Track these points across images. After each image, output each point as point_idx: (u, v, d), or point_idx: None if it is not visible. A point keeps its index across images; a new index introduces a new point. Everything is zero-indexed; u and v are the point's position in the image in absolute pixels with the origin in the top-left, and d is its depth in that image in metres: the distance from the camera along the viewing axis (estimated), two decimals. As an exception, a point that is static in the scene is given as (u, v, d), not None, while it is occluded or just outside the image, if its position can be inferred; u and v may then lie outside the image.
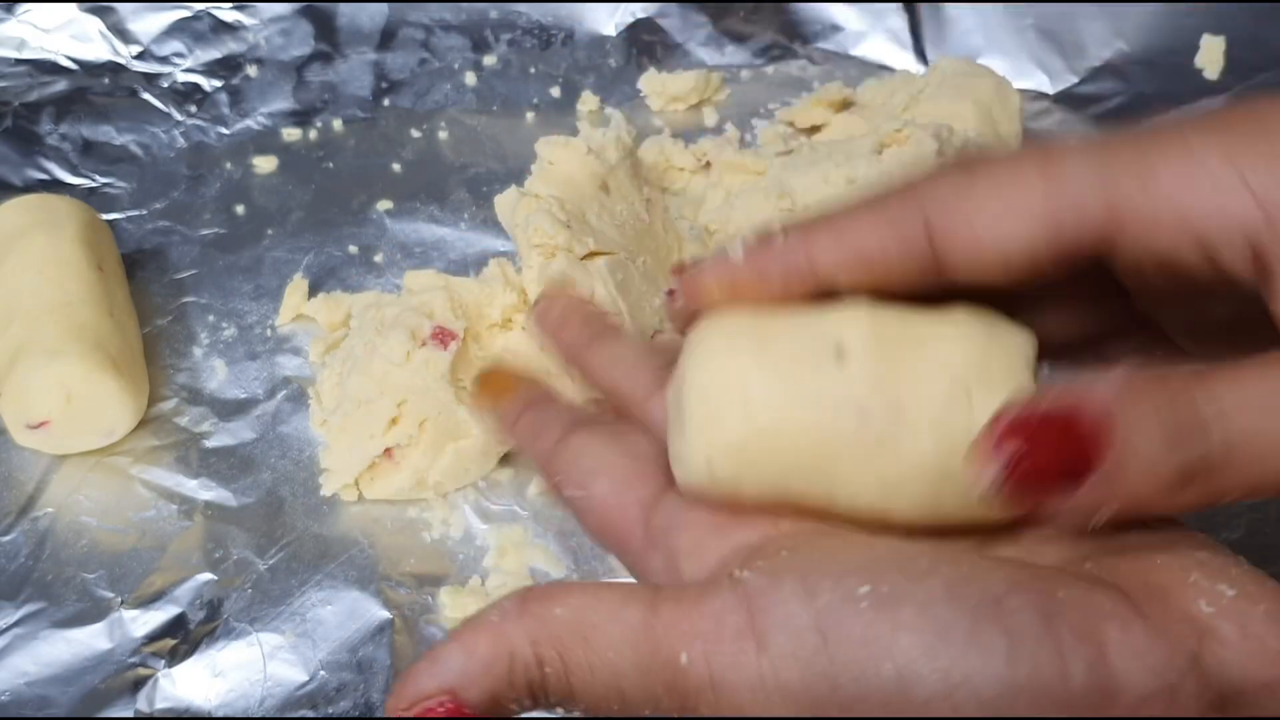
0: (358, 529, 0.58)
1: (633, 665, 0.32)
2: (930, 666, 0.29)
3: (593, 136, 0.62)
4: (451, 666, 0.34)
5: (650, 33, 0.80)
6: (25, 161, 0.74)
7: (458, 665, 0.34)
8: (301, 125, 0.76)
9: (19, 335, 0.58)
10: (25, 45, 0.79)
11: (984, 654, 0.29)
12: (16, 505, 0.59)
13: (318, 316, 0.65)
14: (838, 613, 0.30)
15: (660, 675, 0.32)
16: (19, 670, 0.53)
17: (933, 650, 0.29)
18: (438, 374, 0.57)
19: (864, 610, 0.30)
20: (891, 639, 0.30)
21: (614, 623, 0.32)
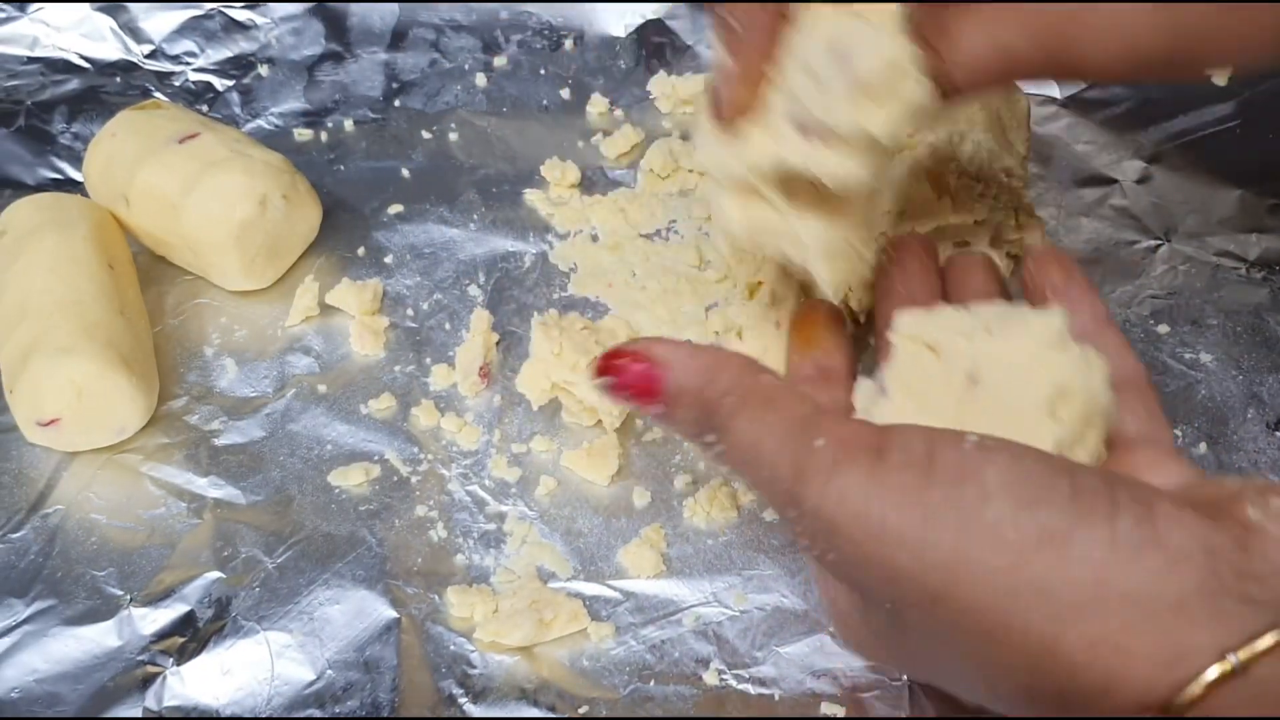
0: (366, 528, 0.58)
1: (781, 433, 0.40)
2: (1006, 493, 0.36)
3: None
4: (671, 349, 0.43)
5: (660, 34, 0.80)
6: (37, 160, 0.75)
7: (678, 351, 0.43)
8: (312, 126, 0.76)
9: (30, 333, 0.58)
10: (37, 44, 0.79)
11: (1052, 493, 0.36)
12: (27, 502, 0.59)
13: (345, 305, 0.66)
14: (946, 444, 0.38)
15: (794, 448, 0.39)
16: (29, 667, 0.54)
17: (1010, 483, 0.36)
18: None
19: (968, 449, 0.37)
20: (981, 467, 0.37)
21: (790, 404, 0.41)
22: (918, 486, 0.37)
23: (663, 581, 0.56)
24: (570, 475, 0.60)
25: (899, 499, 0.37)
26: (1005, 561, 0.35)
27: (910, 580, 0.37)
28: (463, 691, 0.53)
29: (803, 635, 0.54)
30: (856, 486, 0.37)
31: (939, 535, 0.36)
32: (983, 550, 0.36)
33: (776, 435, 0.40)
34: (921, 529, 0.36)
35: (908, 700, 0.51)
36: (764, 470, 0.40)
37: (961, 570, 0.36)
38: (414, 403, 0.62)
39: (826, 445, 0.39)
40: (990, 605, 0.36)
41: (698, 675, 0.53)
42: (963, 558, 0.36)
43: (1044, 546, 0.35)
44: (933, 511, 0.36)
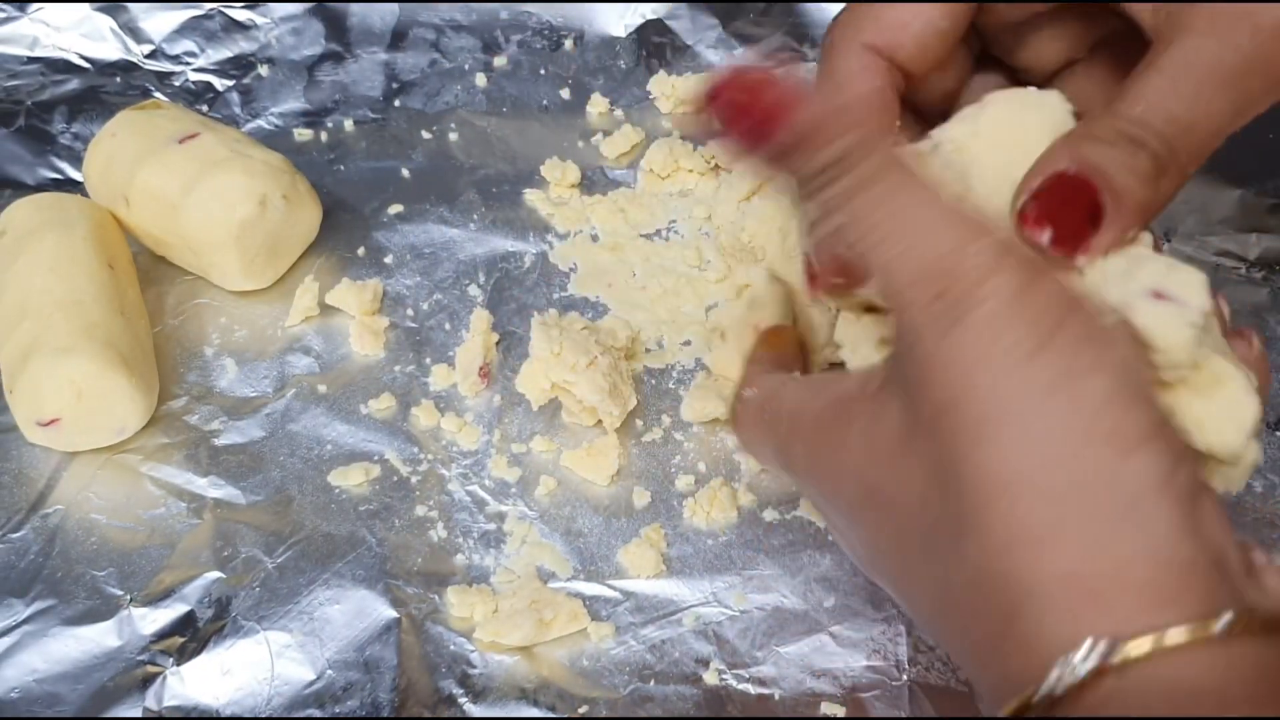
0: (366, 528, 0.58)
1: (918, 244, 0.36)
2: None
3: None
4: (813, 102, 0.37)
5: (660, 34, 0.80)
6: (37, 160, 0.75)
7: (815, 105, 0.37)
8: (313, 126, 0.76)
9: (30, 333, 0.58)
10: (37, 44, 0.79)
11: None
12: (27, 502, 0.59)
13: (345, 305, 0.66)
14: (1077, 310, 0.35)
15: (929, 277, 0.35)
16: (29, 667, 0.54)
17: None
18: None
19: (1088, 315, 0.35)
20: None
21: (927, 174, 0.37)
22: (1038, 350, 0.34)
23: (663, 581, 0.56)
24: (570, 475, 0.60)
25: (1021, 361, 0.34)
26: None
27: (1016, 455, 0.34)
28: (463, 691, 0.53)
29: (803, 635, 0.54)
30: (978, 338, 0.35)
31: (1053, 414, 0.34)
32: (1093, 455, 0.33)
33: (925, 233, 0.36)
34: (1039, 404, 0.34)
35: (908, 700, 0.51)
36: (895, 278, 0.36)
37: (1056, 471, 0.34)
38: (414, 403, 0.62)
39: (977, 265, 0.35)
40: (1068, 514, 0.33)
41: (698, 675, 0.53)
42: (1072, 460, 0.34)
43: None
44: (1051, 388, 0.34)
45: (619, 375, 0.60)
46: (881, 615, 0.54)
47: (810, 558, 0.56)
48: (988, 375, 0.34)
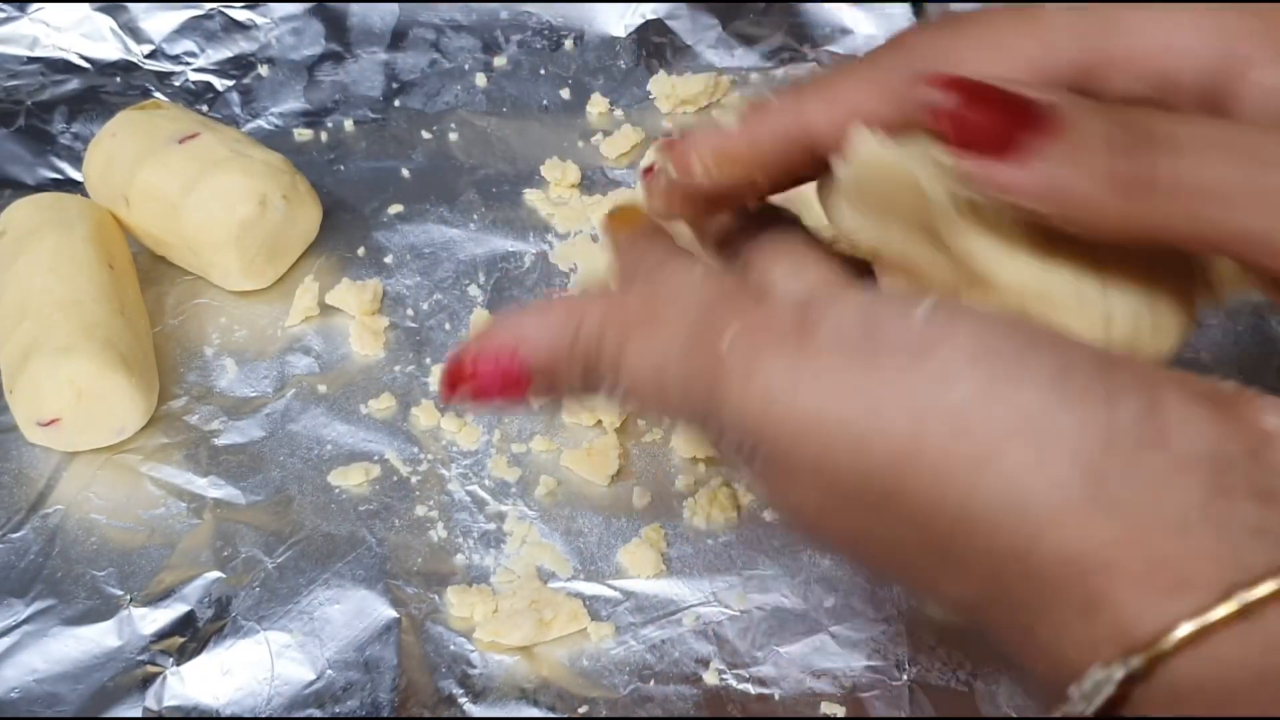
0: (366, 528, 0.58)
1: (681, 346, 0.33)
2: (973, 370, 0.29)
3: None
4: (525, 324, 0.36)
5: (660, 34, 0.80)
6: (37, 160, 0.75)
7: (531, 324, 0.36)
8: (313, 126, 0.76)
9: (30, 333, 0.58)
10: (37, 44, 0.79)
11: (1033, 369, 0.29)
12: (27, 502, 0.59)
13: (345, 305, 0.66)
14: (890, 322, 0.31)
15: (701, 356, 0.33)
16: (29, 667, 0.54)
17: (976, 359, 0.30)
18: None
19: (915, 323, 0.30)
20: (938, 344, 0.30)
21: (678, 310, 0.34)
22: (857, 369, 0.30)
23: (663, 581, 0.56)
24: (570, 475, 0.60)
25: (834, 387, 0.30)
26: (971, 453, 0.29)
27: (851, 483, 0.31)
28: (463, 691, 0.53)
29: (803, 635, 0.54)
30: (780, 378, 0.31)
31: (888, 423, 0.30)
32: (943, 440, 0.29)
33: (676, 350, 0.33)
34: (866, 417, 0.30)
35: (908, 700, 0.51)
36: (674, 396, 0.34)
37: (916, 464, 0.30)
38: (414, 403, 0.62)
39: (736, 340, 0.32)
40: (948, 507, 0.30)
41: (698, 675, 0.53)
42: (917, 449, 0.30)
43: (1021, 436, 0.29)
44: (879, 395, 0.30)
45: (619, 375, 0.60)
46: (881, 615, 0.54)
47: (810, 558, 0.56)
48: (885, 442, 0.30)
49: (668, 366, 0.34)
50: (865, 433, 0.30)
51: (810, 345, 0.31)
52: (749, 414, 0.32)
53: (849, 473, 0.31)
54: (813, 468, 0.31)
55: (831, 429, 0.31)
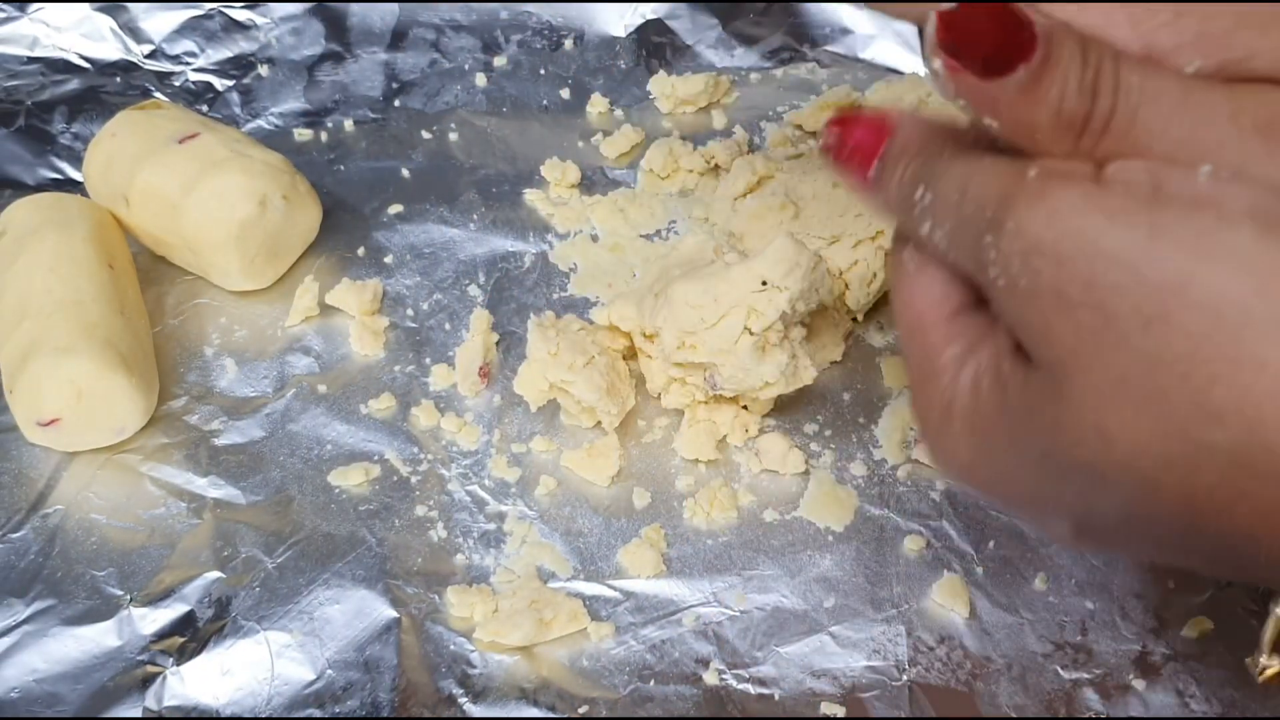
0: (366, 528, 0.58)
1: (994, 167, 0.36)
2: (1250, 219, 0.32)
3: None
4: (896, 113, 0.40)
5: (660, 34, 0.80)
6: (37, 160, 0.75)
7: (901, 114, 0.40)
8: (313, 126, 0.76)
9: (30, 333, 0.58)
10: (37, 44, 0.79)
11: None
12: (27, 502, 0.59)
13: (345, 305, 0.66)
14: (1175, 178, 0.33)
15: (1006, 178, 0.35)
16: (29, 667, 0.54)
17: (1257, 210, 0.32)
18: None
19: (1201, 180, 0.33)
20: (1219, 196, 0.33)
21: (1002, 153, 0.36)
22: (1144, 208, 0.33)
23: (663, 581, 0.56)
24: (570, 475, 0.60)
25: (1121, 217, 0.33)
26: (1245, 286, 0.31)
27: (1120, 301, 0.32)
28: (463, 691, 0.53)
29: (803, 635, 0.54)
30: (1070, 204, 0.33)
31: (1167, 251, 0.32)
32: (1219, 272, 0.31)
33: (987, 169, 0.36)
34: (1146, 245, 0.32)
35: (908, 700, 0.52)
36: (968, 206, 0.36)
37: (1191, 292, 0.31)
38: (414, 403, 0.63)
39: (1039, 173, 0.34)
40: (1219, 332, 0.31)
41: (698, 675, 0.53)
42: (1194, 279, 0.31)
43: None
44: (1161, 229, 0.32)
45: (617, 375, 0.60)
46: (881, 615, 0.54)
47: (810, 558, 0.56)
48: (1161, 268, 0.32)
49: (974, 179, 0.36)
50: (1144, 257, 0.32)
51: (1102, 185, 0.34)
52: (1031, 226, 0.34)
53: (1119, 296, 0.32)
54: (1083, 286, 0.33)
55: (1111, 250, 0.32)
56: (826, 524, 0.57)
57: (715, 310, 0.56)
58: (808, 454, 0.60)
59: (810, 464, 0.60)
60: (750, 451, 0.60)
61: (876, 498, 0.58)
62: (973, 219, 0.36)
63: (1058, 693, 0.52)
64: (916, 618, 0.54)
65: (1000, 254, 0.35)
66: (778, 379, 0.57)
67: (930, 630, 0.54)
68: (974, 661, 0.53)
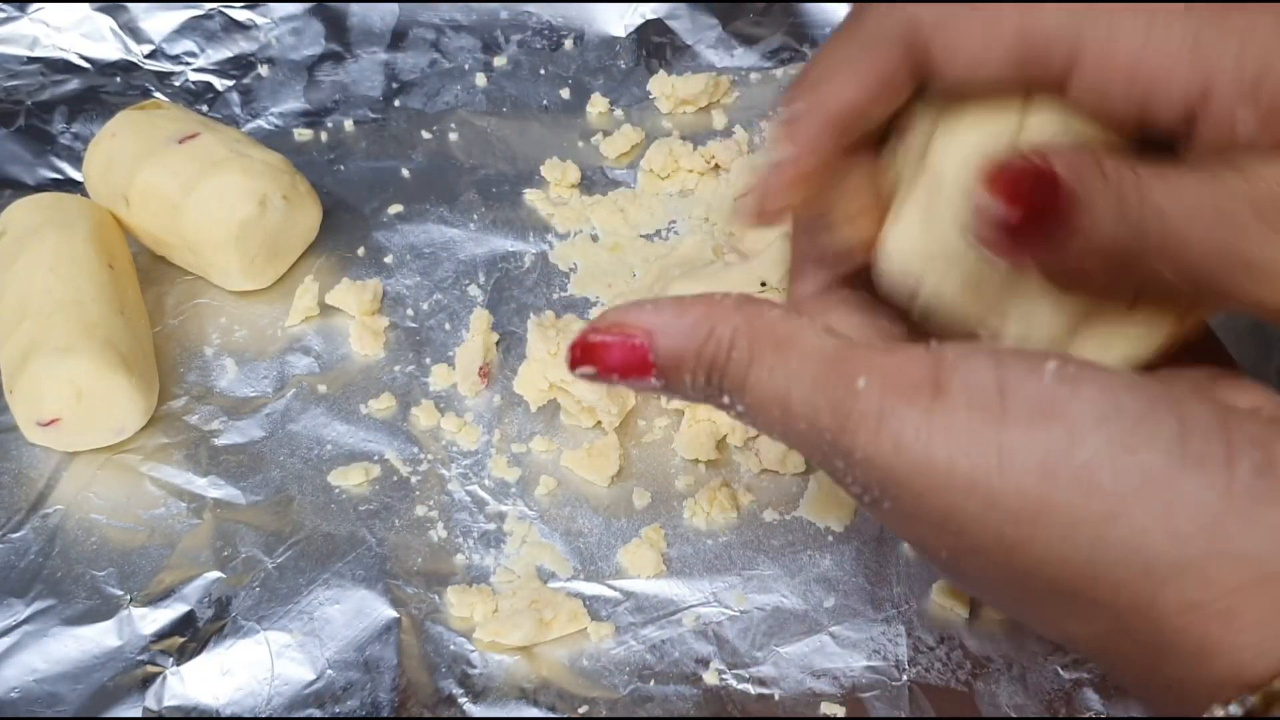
0: (366, 528, 0.58)
1: (810, 378, 0.34)
2: (1100, 432, 0.31)
3: None
4: (660, 314, 0.37)
5: (660, 34, 0.80)
6: (37, 160, 0.75)
7: (666, 316, 0.37)
8: (313, 126, 0.76)
9: (30, 333, 0.58)
10: (37, 44, 0.79)
11: (1154, 431, 0.31)
12: (27, 502, 0.59)
13: (345, 305, 0.66)
14: (1021, 379, 0.32)
15: (831, 393, 0.34)
16: (29, 667, 0.54)
17: (1104, 420, 0.31)
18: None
19: (1047, 381, 0.32)
20: (1067, 404, 0.31)
21: (811, 340, 0.35)
22: (989, 426, 0.32)
23: (663, 581, 0.56)
24: (570, 475, 0.60)
25: (967, 442, 0.32)
26: (1098, 511, 0.31)
27: (981, 533, 0.33)
28: (463, 691, 0.53)
29: (803, 635, 0.54)
30: (914, 430, 0.33)
31: (1018, 480, 0.32)
32: (1071, 498, 0.31)
33: (805, 381, 0.34)
34: (996, 475, 0.32)
35: (908, 700, 0.51)
36: (799, 424, 0.35)
37: (1045, 520, 0.31)
38: (414, 403, 0.63)
39: (870, 385, 0.33)
40: (1076, 560, 0.32)
41: (698, 675, 0.53)
42: (1047, 506, 0.31)
43: (1145, 495, 0.31)
44: (1010, 454, 0.32)
45: (618, 375, 0.60)
46: (881, 615, 0.54)
47: (810, 558, 0.56)
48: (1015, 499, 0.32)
49: (794, 395, 0.35)
50: (996, 487, 0.32)
51: (943, 399, 0.33)
52: (879, 459, 0.33)
53: (978, 524, 0.33)
54: (942, 517, 0.33)
55: (963, 482, 0.32)
56: (826, 524, 0.57)
57: None
58: (808, 454, 0.60)
59: (810, 464, 0.60)
60: (750, 451, 0.60)
61: (876, 498, 0.58)
62: (809, 437, 0.35)
63: (1058, 693, 0.52)
64: (916, 618, 0.54)
65: (856, 479, 0.35)
66: None
67: (930, 630, 0.54)
68: (974, 661, 0.53)
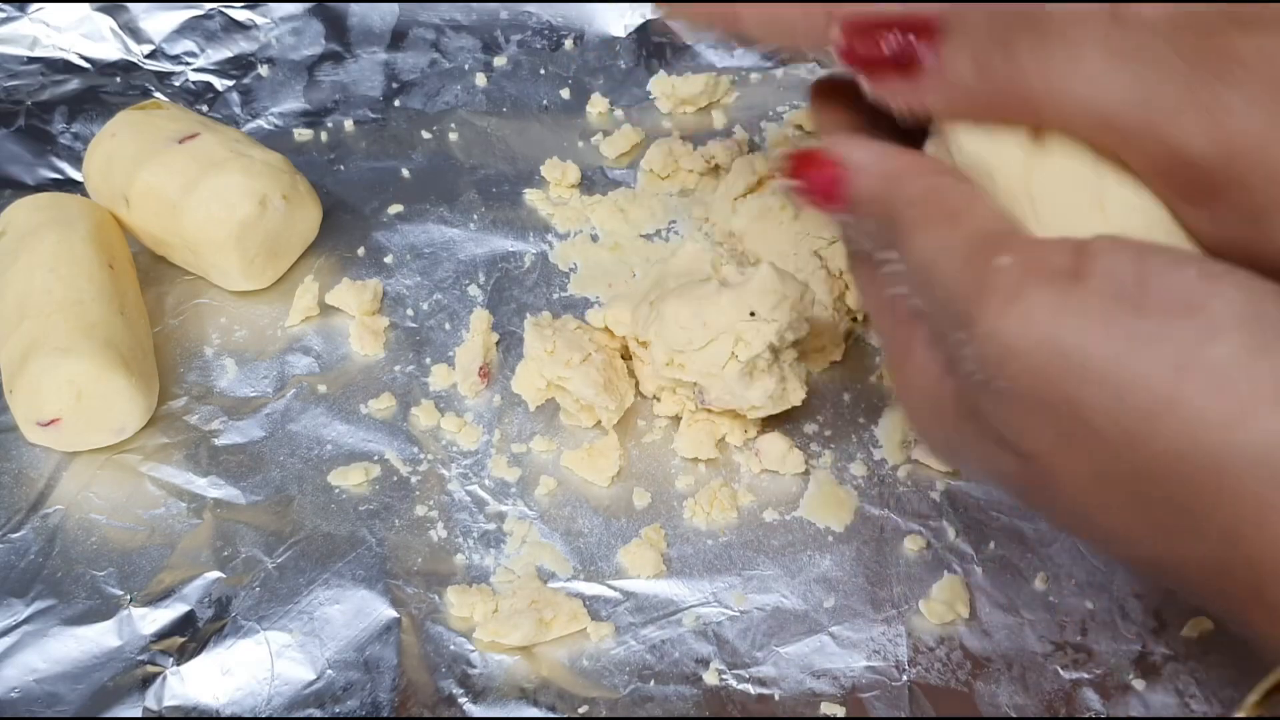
0: (366, 528, 0.58)
1: (965, 249, 0.34)
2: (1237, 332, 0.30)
3: None
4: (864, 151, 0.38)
5: (660, 34, 0.80)
6: (37, 160, 0.75)
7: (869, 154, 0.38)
8: (312, 126, 0.76)
9: (30, 333, 0.58)
10: (37, 44, 0.79)
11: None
12: (27, 502, 0.59)
13: (345, 305, 0.66)
14: (1164, 270, 0.31)
15: (977, 266, 0.33)
16: (29, 667, 0.54)
17: (1244, 320, 0.30)
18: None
19: (1190, 277, 0.31)
20: (1207, 300, 0.30)
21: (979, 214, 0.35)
22: (1126, 314, 0.31)
23: (663, 581, 0.56)
24: (570, 475, 0.60)
25: (1100, 326, 0.31)
26: (1230, 411, 0.30)
27: (1101, 422, 0.31)
28: (463, 691, 0.53)
29: (803, 635, 0.54)
30: (1046, 309, 0.32)
31: (1149, 370, 0.30)
32: (1204, 395, 0.30)
33: (957, 252, 0.34)
34: (1127, 362, 0.31)
35: (908, 700, 0.51)
36: (939, 290, 0.35)
37: (1172, 416, 0.30)
38: (414, 403, 0.63)
39: (1014, 264, 0.33)
40: (1201, 462, 0.30)
41: (698, 675, 0.53)
42: (1176, 401, 0.30)
43: (1278, 401, 0.30)
44: (1143, 343, 0.31)
45: (614, 371, 0.60)
46: (881, 616, 0.54)
47: (810, 558, 0.56)
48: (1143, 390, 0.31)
49: (944, 261, 0.35)
50: (1125, 375, 0.31)
51: (1082, 283, 0.32)
52: (1005, 334, 0.32)
53: (1100, 413, 0.31)
54: (1060, 402, 0.32)
55: (1089, 366, 0.31)
56: (826, 524, 0.57)
57: (704, 334, 0.56)
58: (808, 454, 0.60)
59: (810, 464, 0.60)
60: (750, 451, 0.60)
61: (876, 498, 0.58)
62: (943, 305, 0.35)
63: (1058, 693, 0.52)
64: (916, 618, 0.54)
65: (974, 353, 0.34)
66: (764, 402, 0.57)
67: (930, 630, 0.54)
68: (974, 661, 0.53)
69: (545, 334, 0.59)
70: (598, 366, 0.59)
